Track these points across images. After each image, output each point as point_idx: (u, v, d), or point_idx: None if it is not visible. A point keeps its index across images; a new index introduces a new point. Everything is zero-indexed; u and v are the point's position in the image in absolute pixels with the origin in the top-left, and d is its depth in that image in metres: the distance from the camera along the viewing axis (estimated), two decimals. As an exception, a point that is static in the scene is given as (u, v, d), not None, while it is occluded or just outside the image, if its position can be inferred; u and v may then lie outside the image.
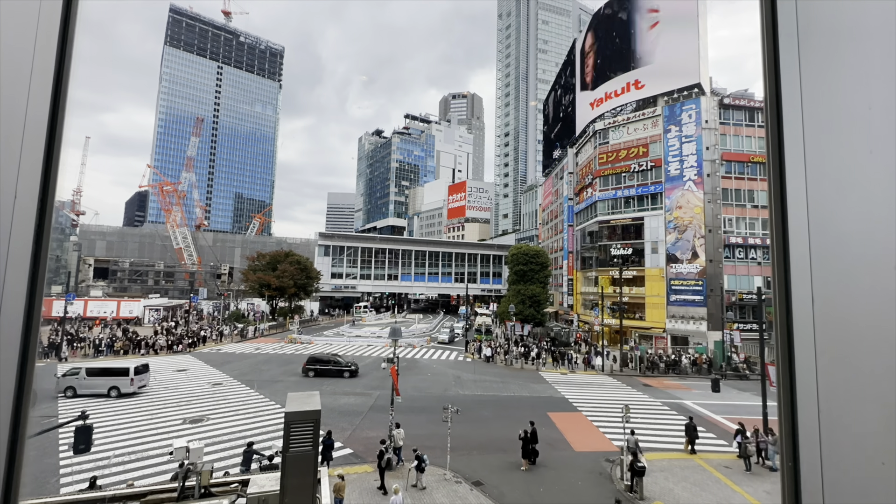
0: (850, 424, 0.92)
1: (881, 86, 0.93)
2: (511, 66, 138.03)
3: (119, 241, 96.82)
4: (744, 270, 39.84)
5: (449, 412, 15.65)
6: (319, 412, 5.43)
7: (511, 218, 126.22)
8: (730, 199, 40.13)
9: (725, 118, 41.27)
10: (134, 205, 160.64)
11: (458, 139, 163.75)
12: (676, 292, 40.03)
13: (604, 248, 45.83)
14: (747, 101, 41.79)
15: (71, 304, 44.11)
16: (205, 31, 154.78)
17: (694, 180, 40.06)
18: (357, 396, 24.32)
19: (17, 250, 1.00)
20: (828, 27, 1.00)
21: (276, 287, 52.32)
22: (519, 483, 14.61)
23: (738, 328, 36.69)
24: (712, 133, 40.36)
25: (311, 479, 5.21)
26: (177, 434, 18.07)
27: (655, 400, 25.97)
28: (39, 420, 19.37)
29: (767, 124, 1.10)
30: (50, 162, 1.06)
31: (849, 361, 0.93)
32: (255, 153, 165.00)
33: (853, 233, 0.94)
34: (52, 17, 1.07)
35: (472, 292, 72.09)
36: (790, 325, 1.02)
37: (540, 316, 45.05)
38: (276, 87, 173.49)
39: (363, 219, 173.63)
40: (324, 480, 6.68)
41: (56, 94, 1.07)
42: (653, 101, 44.91)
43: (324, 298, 69.75)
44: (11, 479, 0.98)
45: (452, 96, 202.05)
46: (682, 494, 14.12)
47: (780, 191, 1.06)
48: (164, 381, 27.22)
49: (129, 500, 6.26)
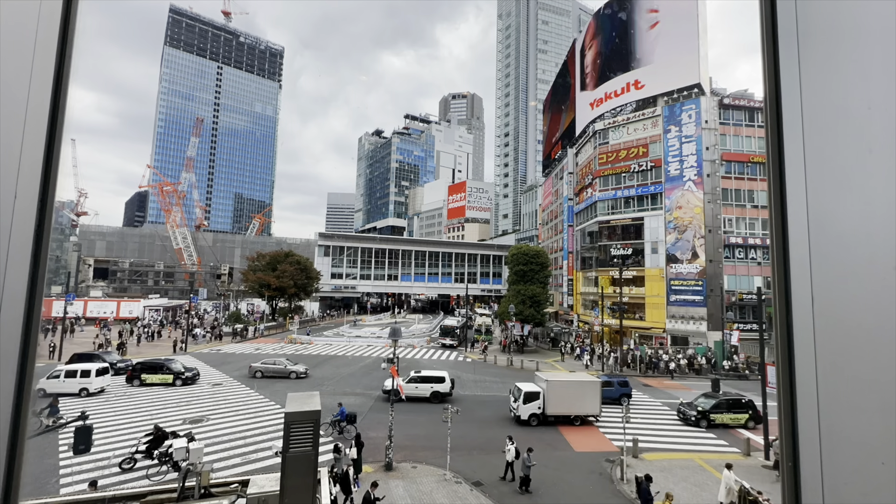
0: (850, 424, 0.92)
1: (880, 86, 0.93)
2: (511, 66, 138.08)
3: (119, 242, 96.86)
4: (744, 270, 39.84)
5: (449, 412, 15.65)
6: (319, 412, 5.43)
7: (511, 218, 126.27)
8: (730, 199, 40.14)
9: (725, 118, 41.28)
10: (134, 205, 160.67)
11: (457, 139, 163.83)
12: (676, 292, 40.03)
13: (604, 248, 45.83)
14: (747, 101, 41.80)
15: (71, 304, 44.08)
16: (205, 31, 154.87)
17: (694, 180, 40.06)
18: (357, 396, 24.32)
19: (17, 250, 1.00)
20: (827, 27, 1.00)
21: (276, 287, 52.32)
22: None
23: (738, 328, 36.69)
24: (712, 133, 40.36)
25: (311, 479, 5.21)
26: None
27: (655, 400, 25.97)
28: (39, 420, 19.34)
29: (767, 124, 1.10)
30: (50, 162, 1.06)
31: (849, 361, 0.93)
32: (255, 153, 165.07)
33: (853, 233, 0.94)
34: (52, 17, 1.07)
35: (472, 292, 72.08)
36: (790, 326, 1.02)
37: (540, 316, 44.99)
38: (276, 87, 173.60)
39: (363, 219, 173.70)
40: (323, 481, 6.67)
41: (56, 94, 1.07)
42: (653, 102, 44.91)
43: (324, 299, 69.75)
44: (11, 479, 0.98)
45: (452, 96, 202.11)
46: (682, 494, 14.12)
47: (780, 191, 1.06)
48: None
49: (129, 500, 6.26)
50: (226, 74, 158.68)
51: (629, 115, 46.36)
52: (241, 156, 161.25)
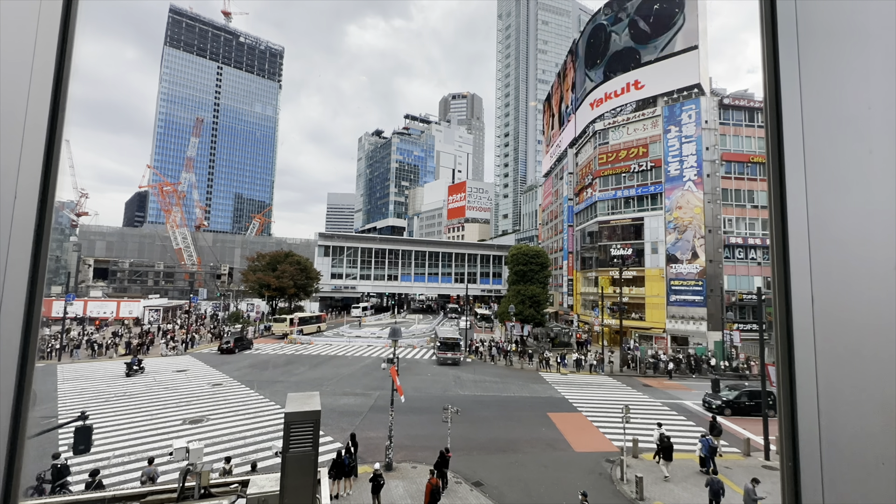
0: (850, 424, 0.92)
1: (880, 86, 0.93)
2: (511, 67, 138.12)
3: (119, 242, 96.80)
4: (744, 270, 39.85)
5: (449, 412, 15.65)
6: (319, 412, 5.42)
7: (511, 218, 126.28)
8: (730, 199, 40.14)
9: (725, 118, 41.29)
10: (134, 205, 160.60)
11: (457, 139, 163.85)
12: (676, 292, 40.04)
13: (604, 248, 45.83)
14: (747, 102, 41.80)
15: (71, 304, 44.09)
16: (205, 31, 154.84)
17: (694, 180, 40.07)
18: (357, 396, 24.32)
19: (17, 250, 1.00)
20: (827, 27, 1.00)
21: (276, 287, 52.30)
22: (519, 483, 14.60)
23: (738, 328, 36.69)
24: (712, 133, 40.37)
25: (311, 479, 5.20)
26: (177, 434, 18.07)
27: (655, 400, 25.97)
28: (39, 420, 19.36)
29: (767, 124, 1.10)
30: (50, 162, 1.06)
31: (849, 361, 0.93)
32: (255, 153, 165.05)
33: (853, 233, 0.94)
34: (52, 17, 1.07)
35: (472, 292, 72.07)
36: (790, 326, 1.02)
37: (540, 316, 45.03)
38: (276, 87, 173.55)
39: (363, 219, 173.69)
40: (323, 481, 6.67)
41: (56, 94, 1.07)
42: (653, 102, 44.92)
43: (324, 299, 69.77)
44: (11, 479, 0.98)
45: (452, 96, 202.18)
46: (682, 494, 14.12)
47: (780, 191, 1.06)
48: (164, 382, 27.22)
49: (129, 500, 6.25)
50: (226, 74, 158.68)
51: (629, 116, 46.36)
52: (241, 156, 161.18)
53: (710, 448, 15.53)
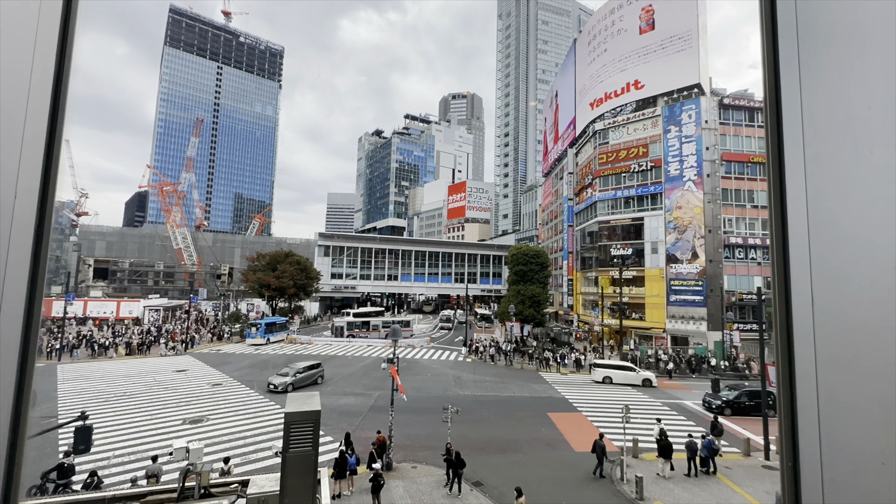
0: (850, 424, 0.92)
1: (881, 86, 0.93)
2: (511, 67, 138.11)
3: (119, 242, 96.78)
4: (744, 270, 39.84)
5: (449, 412, 15.65)
6: (319, 412, 5.43)
7: (511, 218, 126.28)
8: (730, 199, 40.13)
9: (725, 118, 41.27)
10: (133, 205, 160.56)
11: (457, 139, 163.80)
12: (676, 292, 40.03)
13: (604, 248, 45.82)
14: (747, 101, 41.79)
15: (71, 304, 44.10)
16: (205, 31, 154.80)
17: (694, 180, 40.06)
18: (357, 396, 24.32)
19: (17, 250, 1.00)
20: (827, 27, 1.00)
21: (276, 287, 52.28)
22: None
23: (738, 328, 36.68)
24: (712, 133, 40.36)
25: (311, 479, 5.20)
26: (177, 434, 18.07)
27: (655, 400, 25.97)
28: (39, 420, 19.37)
29: (767, 124, 1.10)
30: (50, 162, 1.06)
31: (849, 361, 0.93)
32: (255, 153, 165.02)
33: (853, 233, 0.94)
34: (52, 17, 1.07)
35: (472, 292, 72.06)
36: (790, 326, 1.02)
37: (540, 316, 45.03)
38: (276, 87, 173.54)
39: (363, 219, 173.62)
40: (323, 481, 6.68)
41: (56, 94, 1.07)
42: (653, 102, 44.91)
43: (323, 299, 69.76)
44: (11, 479, 0.98)
45: (452, 96, 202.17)
46: (682, 494, 14.12)
47: (780, 191, 1.06)
48: (164, 382, 27.22)
49: (129, 500, 6.26)
50: (226, 74, 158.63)
51: (629, 115, 46.35)
52: (241, 156, 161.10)
53: (710, 449, 15.56)
